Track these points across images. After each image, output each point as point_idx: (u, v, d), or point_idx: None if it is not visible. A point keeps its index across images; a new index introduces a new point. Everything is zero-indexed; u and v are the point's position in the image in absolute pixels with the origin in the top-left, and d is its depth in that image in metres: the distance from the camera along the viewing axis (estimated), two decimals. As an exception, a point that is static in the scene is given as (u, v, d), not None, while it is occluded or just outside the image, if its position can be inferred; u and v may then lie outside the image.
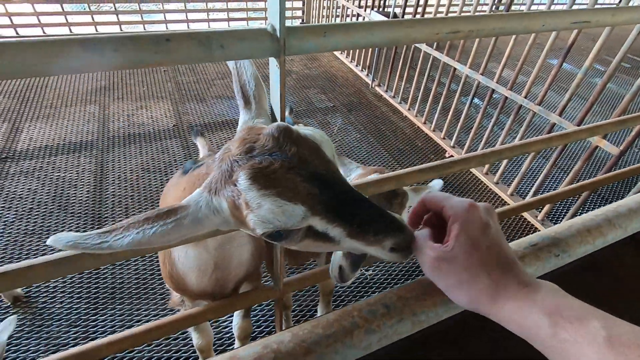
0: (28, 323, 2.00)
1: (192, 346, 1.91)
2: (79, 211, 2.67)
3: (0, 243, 2.39)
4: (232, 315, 1.86)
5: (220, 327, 2.03)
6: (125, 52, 0.47)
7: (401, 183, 0.91)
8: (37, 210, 2.65)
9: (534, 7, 4.71)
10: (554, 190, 3.33)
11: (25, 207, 2.66)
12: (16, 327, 1.96)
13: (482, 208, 0.55)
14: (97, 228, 2.54)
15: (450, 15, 3.72)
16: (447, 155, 3.68)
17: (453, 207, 0.55)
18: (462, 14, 3.55)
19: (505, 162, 3.15)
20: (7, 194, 2.77)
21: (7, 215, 2.58)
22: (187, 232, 0.56)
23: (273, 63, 0.58)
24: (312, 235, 0.57)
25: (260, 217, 0.53)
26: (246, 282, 1.14)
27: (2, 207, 2.65)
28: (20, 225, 2.53)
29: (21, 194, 2.77)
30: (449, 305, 0.56)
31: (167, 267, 1.01)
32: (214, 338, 1.90)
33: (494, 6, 4.47)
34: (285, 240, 0.57)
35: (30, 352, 1.89)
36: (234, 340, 1.92)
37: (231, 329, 1.99)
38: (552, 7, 3.35)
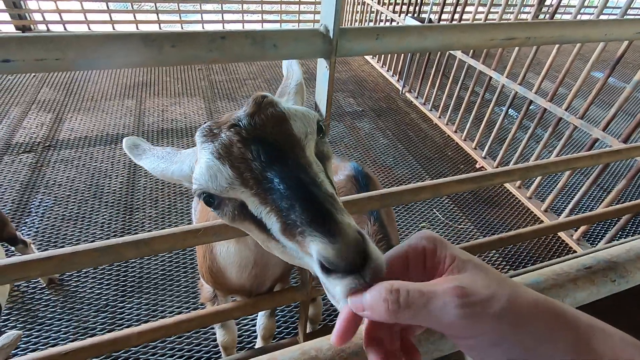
0: (60, 305, 2.09)
1: (206, 344, 1.94)
2: (112, 200, 2.78)
3: (40, 227, 2.52)
4: (255, 315, 1.87)
5: (240, 325, 2.05)
6: (182, 48, 0.47)
7: (438, 193, 0.88)
8: (75, 197, 2.78)
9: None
10: (590, 209, 3.16)
11: (63, 194, 2.79)
12: (49, 308, 2.05)
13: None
14: (128, 217, 2.64)
15: (488, 22, 3.62)
16: (477, 166, 3.57)
17: (418, 238, 0.41)
18: (502, 21, 3.44)
19: (540, 176, 3.02)
20: (47, 180, 2.91)
21: (47, 201, 2.72)
22: (172, 175, 0.66)
23: (322, 64, 0.57)
24: (249, 217, 0.51)
25: (196, 171, 0.53)
26: (279, 282, 1.15)
27: (43, 192, 2.79)
28: (58, 210, 2.65)
29: (60, 181, 2.91)
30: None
31: (207, 262, 1.03)
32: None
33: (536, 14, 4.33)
34: (217, 210, 0.54)
35: (61, 332, 1.97)
36: (254, 338, 1.93)
37: (250, 327, 2.00)
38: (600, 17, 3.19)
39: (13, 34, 0.44)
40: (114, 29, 5.54)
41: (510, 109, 3.34)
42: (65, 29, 5.24)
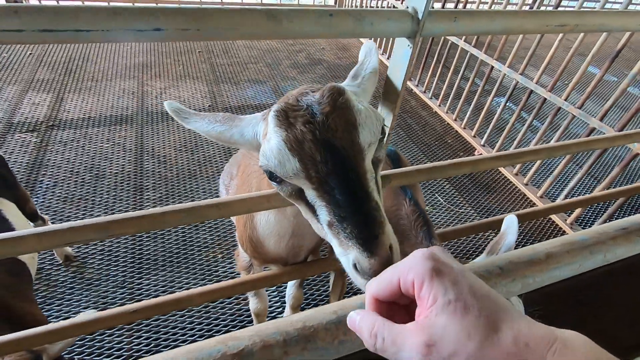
0: (78, 281, 2.13)
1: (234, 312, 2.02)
2: (115, 182, 2.79)
3: (51, 206, 2.52)
4: (283, 287, 1.96)
5: (270, 297, 2.12)
6: (297, 23, 0.53)
7: (435, 175, 0.93)
8: (76, 178, 2.78)
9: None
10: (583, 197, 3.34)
11: (65, 174, 2.79)
12: (68, 284, 2.09)
13: (438, 251, 0.42)
14: (138, 198, 2.65)
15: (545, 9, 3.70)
16: (476, 153, 3.70)
17: (408, 268, 0.40)
18: (556, 10, 3.52)
19: (537, 164, 3.16)
20: (53, 161, 2.90)
21: (48, 182, 2.72)
22: (231, 138, 0.71)
23: (404, 43, 0.64)
24: (304, 201, 0.60)
25: (265, 149, 0.60)
26: (312, 254, 1.22)
27: (44, 173, 2.78)
28: (54, 190, 2.64)
29: (60, 163, 2.90)
30: (553, 274, 0.62)
31: (248, 231, 1.08)
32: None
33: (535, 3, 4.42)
34: (278, 186, 0.62)
35: (81, 307, 2.01)
36: (281, 307, 2.02)
37: (274, 298, 2.09)
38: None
39: (162, 5, 0.49)
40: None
41: (509, 102, 3.45)
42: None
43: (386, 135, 0.67)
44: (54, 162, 2.88)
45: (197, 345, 0.47)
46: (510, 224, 1.07)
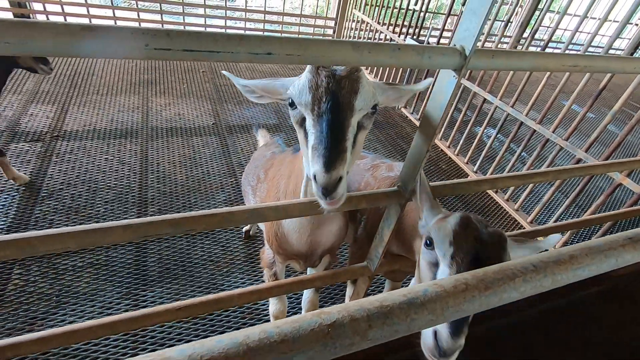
0: (82, 288, 2.11)
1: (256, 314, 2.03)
2: (118, 195, 2.81)
3: (56, 215, 2.52)
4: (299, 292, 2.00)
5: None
6: (375, 53, 0.64)
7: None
8: (70, 190, 2.79)
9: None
10: (572, 220, 3.53)
11: (61, 187, 2.80)
12: (72, 289, 2.07)
13: None
14: (142, 210, 2.67)
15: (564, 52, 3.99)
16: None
17: None
18: (572, 53, 3.79)
19: (527, 191, 3.34)
20: (57, 171, 2.90)
21: (46, 192, 2.72)
22: (274, 87, 0.93)
23: (450, 74, 0.76)
24: (303, 129, 0.85)
25: (296, 83, 0.86)
26: (327, 255, 1.32)
27: (60, 183, 2.79)
28: (49, 202, 2.65)
29: (55, 175, 2.91)
30: (576, 273, 0.72)
31: (274, 227, 1.22)
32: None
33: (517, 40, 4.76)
34: (293, 111, 0.88)
35: (85, 318, 1.99)
36: (298, 310, 2.05)
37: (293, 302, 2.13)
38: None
39: (271, 34, 0.59)
40: (115, 23, 5.53)
41: (499, 135, 3.67)
42: (65, 20, 5.18)
43: (376, 112, 0.91)
44: (58, 172, 2.88)
45: (294, 318, 0.55)
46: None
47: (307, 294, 1.62)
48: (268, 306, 1.77)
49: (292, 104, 0.87)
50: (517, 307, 1.24)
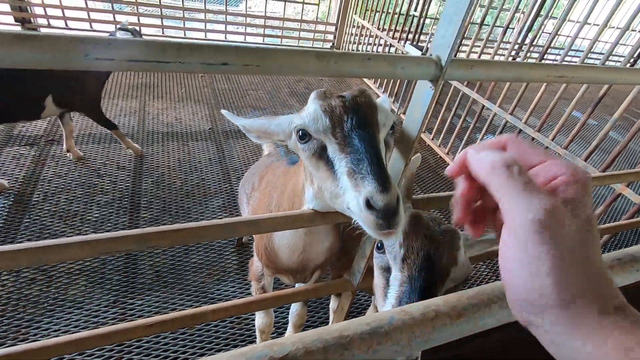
0: (68, 300, 2.08)
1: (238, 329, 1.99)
2: (111, 199, 2.79)
3: (50, 223, 2.49)
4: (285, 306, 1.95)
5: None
6: (342, 64, 0.61)
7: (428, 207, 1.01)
8: (72, 194, 2.77)
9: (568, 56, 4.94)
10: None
11: (61, 190, 2.78)
12: (58, 301, 2.04)
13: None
14: (134, 216, 2.64)
15: (550, 62, 3.97)
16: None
17: (557, 164, 0.39)
18: (559, 64, 3.78)
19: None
20: (51, 176, 2.89)
21: (43, 196, 2.70)
22: (268, 128, 0.87)
23: (427, 85, 0.72)
24: (324, 158, 0.73)
25: (303, 114, 0.76)
26: (318, 271, 1.27)
27: (54, 187, 2.77)
28: (43, 205, 2.63)
29: (51, 177, 2.89)
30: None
31: (265, 241, 1.17)
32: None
33: (514, 51, 4.72)
34: (305, 143, 0.76)
35: (71, 326, 1.96)
36: (284, 324, 2.00)
37: (279, 315, 2.09)
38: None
39: (229, 43, 0.56)
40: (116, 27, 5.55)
41: (499, 137, 3.62)
42: (66, 24, 5.21)
43: (394, 134, 0.83)
44: (51, 176, 2.87)
45: (242, 350, 0.50)
46: None
47: (294, 307, 1.58)
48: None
49: (303, 137, 0.75)
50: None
